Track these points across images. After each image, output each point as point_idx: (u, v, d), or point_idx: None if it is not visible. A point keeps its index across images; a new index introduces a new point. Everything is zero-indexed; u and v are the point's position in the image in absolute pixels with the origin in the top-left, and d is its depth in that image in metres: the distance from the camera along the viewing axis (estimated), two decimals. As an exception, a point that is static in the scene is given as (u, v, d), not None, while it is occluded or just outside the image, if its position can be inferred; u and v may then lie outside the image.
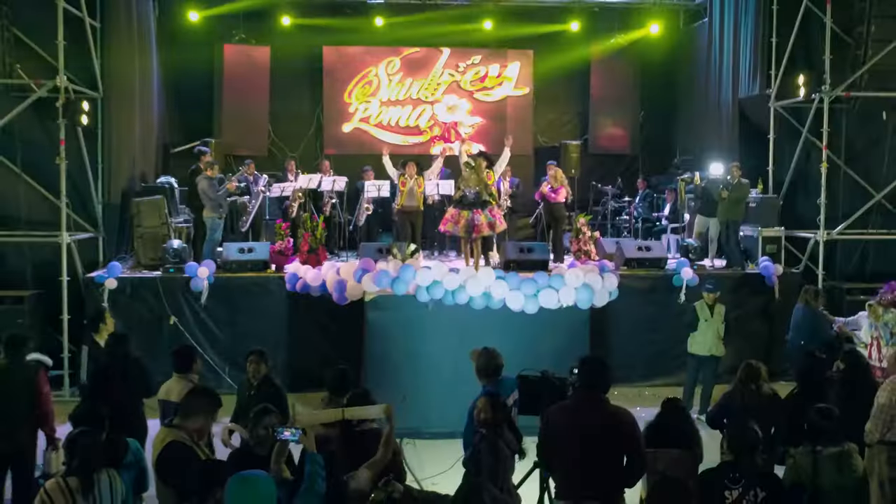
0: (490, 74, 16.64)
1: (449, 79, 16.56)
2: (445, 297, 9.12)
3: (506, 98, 16.69)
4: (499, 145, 15.56)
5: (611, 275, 9.63)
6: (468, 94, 16.61)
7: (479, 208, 10.97)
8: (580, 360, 5.17)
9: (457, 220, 10.94)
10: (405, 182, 12.99)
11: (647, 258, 12.24)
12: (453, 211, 11.03)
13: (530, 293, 9.11)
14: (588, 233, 12.09)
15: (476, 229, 10.97)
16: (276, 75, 15.96)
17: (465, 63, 16.58)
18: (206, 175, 11.87)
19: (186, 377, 6.64)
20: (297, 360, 11.45)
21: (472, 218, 10.87)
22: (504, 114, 16.68)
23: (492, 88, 16.65)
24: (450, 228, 11.12)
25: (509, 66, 16.63)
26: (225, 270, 11.62)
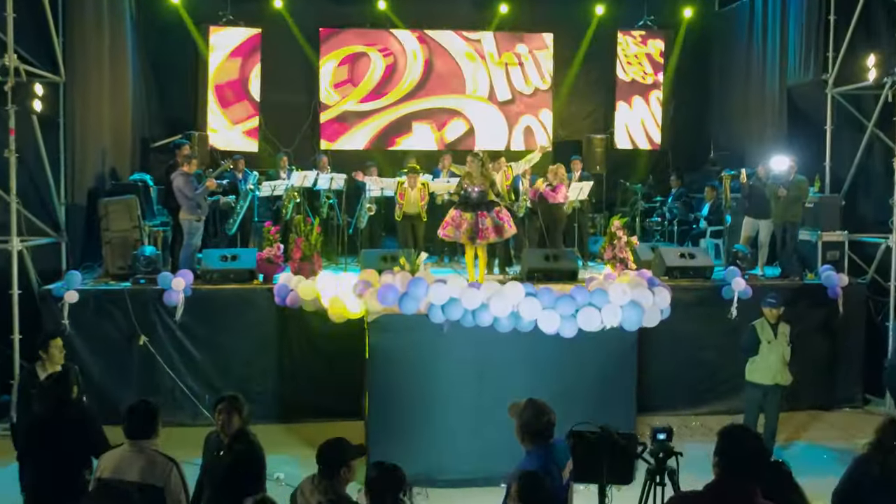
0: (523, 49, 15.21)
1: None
2: (464, 317, 7.53)
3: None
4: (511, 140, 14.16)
5: (662, 289, 8.03)
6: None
7: (485, 210, 9.43)
8: (723, 432, 3.47)
9: (458, 224, 9.43)
10: (404, 193, 11.46)
11: (691, 267, 10.69)
12: (454, 213, 9.58)
13: (567, 313, 7.51)
14: (624, 238, 10.49)
15: (480, 234, 9.44)
16: (267, 61, 14.35)
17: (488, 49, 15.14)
18: (183, 171, 10.28)
19: (139, 447, 4.78)
20: (289, 386, 9.97)
21: (475, 221, 9.38)
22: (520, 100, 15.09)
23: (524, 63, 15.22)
24: (450, 233, 9.65)
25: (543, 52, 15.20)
26: (205, 281, 10.06)
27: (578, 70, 15.15)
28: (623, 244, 10.45)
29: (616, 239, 10.47)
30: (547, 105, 15.19)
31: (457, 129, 15.14)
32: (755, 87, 13.60)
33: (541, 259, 10.53)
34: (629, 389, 8.09)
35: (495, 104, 15.23)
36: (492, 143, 14.49)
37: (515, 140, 15.11)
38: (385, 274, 7.97)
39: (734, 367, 9.85)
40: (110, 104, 11.85)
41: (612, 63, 15.13)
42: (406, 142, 14.89)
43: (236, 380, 9.69)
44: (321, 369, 9.88)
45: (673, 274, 10.58)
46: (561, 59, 15.05)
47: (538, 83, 15.25)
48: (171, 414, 9.57)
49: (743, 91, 13.99)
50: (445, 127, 15.02)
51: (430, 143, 14.93)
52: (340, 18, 14.59)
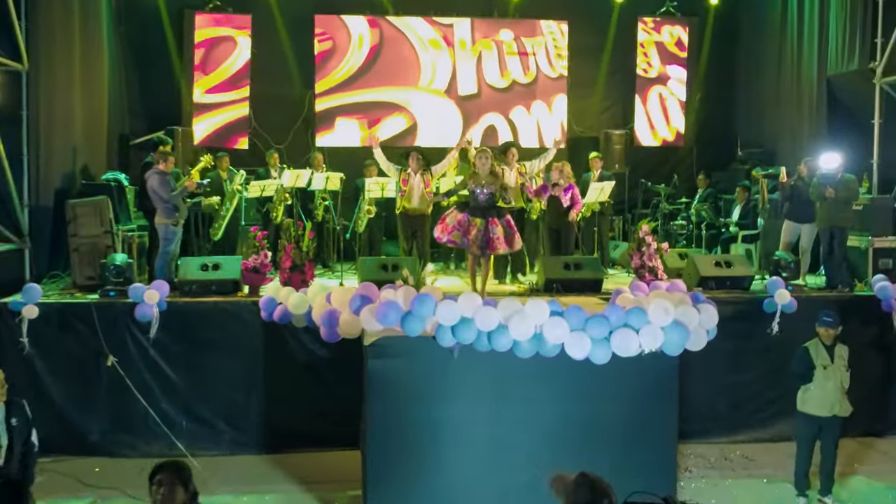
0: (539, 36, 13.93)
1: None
2: (478, 340, 6.39)
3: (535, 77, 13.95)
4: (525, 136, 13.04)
5: (708, 307, 6.89)
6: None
7: (495, 216, 8.29)
8: None
9: (466, 230, 8.21)
10: (407, 179, 10.27)
11: (728, 277, 9.58)
12: (461, 217, 8.29)
13: (600, 335, 6.37)
14: (653, 244, 9.36)
15: (491, 245, 8.25)
16: (258, 50, 13.21)
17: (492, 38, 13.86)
18: (158, 169, 9.16)
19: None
20: (278, 411, 8.85)
21: (486, 229, 8.21)
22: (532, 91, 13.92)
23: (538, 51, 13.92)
24: (456, 239, 8.32)
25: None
26: (182, 293, 8.97)
27: (595, 60, 13.99)
28: (653, 251, 9.33)
29: (645, 245, 9.34)
30: (546, 97, 13.91)
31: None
32: (789, 77, 12.50)
33: (560, 267, 9.43)
34: (669, 422, 6.97)
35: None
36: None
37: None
38: (385, 288, 6.82)
39: (777, 389, 9.00)
40: (82, 96, 10.72)
41: (631, 53, 13.97)
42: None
43: (218, 404, 8.80)
44: (315, 392, 8.83)
45: (707, 285, 9.51)
46: (577, 48, 13.88)
47: (545, 71, 13.96)
48: (146, 444, 8.62)
49: (775, 82, 12.89)
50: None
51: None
52: (338, 4, 13.44)
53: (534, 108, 13.92)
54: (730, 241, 11.83)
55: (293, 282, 8.96)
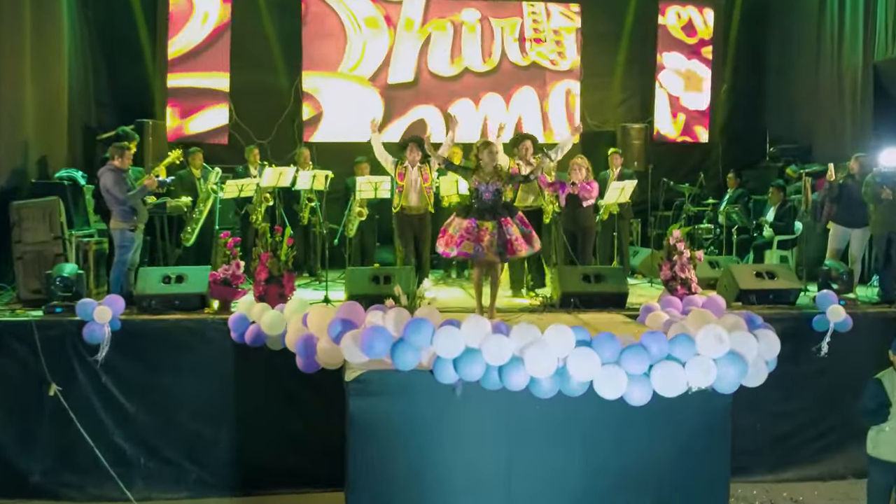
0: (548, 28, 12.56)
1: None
2: (487, 376, 5.15)
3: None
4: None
5: (767, 332, 5.65)
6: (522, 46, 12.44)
7: (506, 215, 7.04)
8: None
9: (478, 237, 6.90)
10: (404, 173, 9.04)
11: (771, 290, 8.35)
12: (467, 223, 6.94)
13: (638, 370, 5.13)
14: (686, 252, 8.10)
15: (511, 247, 6.95)
16: (239, 34, 11.96)
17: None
18: (113, 166, 7.92)
19: None
20: (251, 446, 7.62)
21: (500, 230, 6.93)
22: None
23: (543, 43, 12.52)
24: (468, 250, 6.94)
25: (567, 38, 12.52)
26: (140, 310, 7.74)
27: (612, 48, 12.73)
28: (685, 261, 8.06)
29: (676, 254, 8.08)
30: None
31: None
32: (828, 64, 11.29)
33: (578, 280, 8.18)
34: (719, 473, 5.73)
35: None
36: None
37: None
38: (372, 311, 5.58)
39: (829, 420, 8.06)
40: (35, 83, 9.48)
41: (651, 38, 12.71)
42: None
43: (182, 439, 7.60)
44: (294, 424, 7.64)
45: (747, 299, 8.34)
46: (591, 34, 12.62)
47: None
48: (96, 486, 7.42)
49: (812, 70, 11.67)
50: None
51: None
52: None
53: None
54: (764, 247, 10.58)
55: (269, 296, 7.70)
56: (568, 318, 7.67)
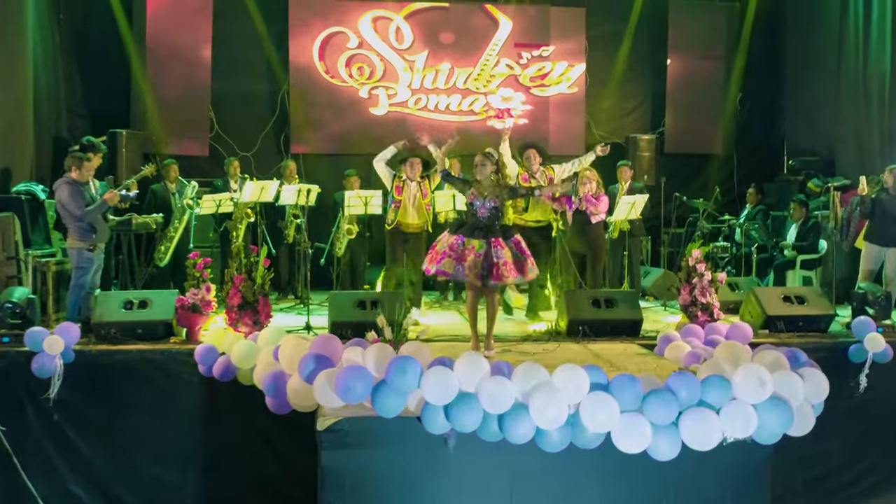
0: (554, 74, 11.92)
1: (506, 71, 11.87)
2: (485, 427, 4.33)
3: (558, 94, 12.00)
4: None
5: (815, 373, 4.83)
6: (525, 89, 11.90)
7: (499, 236, 6.27)
8: None
9: (461, 255, 6.16)
10: (402, 187, 8.28)
11: (802, 316, 7.53)
12: (453, 240, 6.22)
13: (664, 420, 4.31)
14: (707, 274, 7.29)
15: (496, 272, 6.18)
16: (222, 37, 11.20)
17: (530, 54, 11.85)
18: (69, 178, 7.13)
19: None
20: (220, 491, 6.80)
21: (488, 252, 6.17)
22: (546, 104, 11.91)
23: (549, 86, 11.93)
24: (448, 269, 6.19)
25: (575, 67, 11.85)
26: (99, 339, 6.93)
27: (618, 52, 11.97)
28: (706, 284, 7.25)
29: (696, 276, 7.27)
30: (579, 98, 11.89)
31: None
32: (852, 71, 10.51)
33: (587, 304, 7.37)
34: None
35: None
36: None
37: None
38: (349, 346, 4.77)
39: (868, 460, 7.27)
40: (-1, 90, 8.74)
41: (661, 43, 11.93)
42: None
43: (143, 484, 6.79)
44: (268, 467, 6.80)
45: (775, 326, 7.50)
46: (596, 39, 11.86)
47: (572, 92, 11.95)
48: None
49: (833, 77, 10.89)
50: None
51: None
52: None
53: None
54: (785, 266, 9.78)
55: (243, 324, 6.93)
56: (576, 348, 6.90)
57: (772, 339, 7.30)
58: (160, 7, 11.04)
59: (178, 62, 11.05)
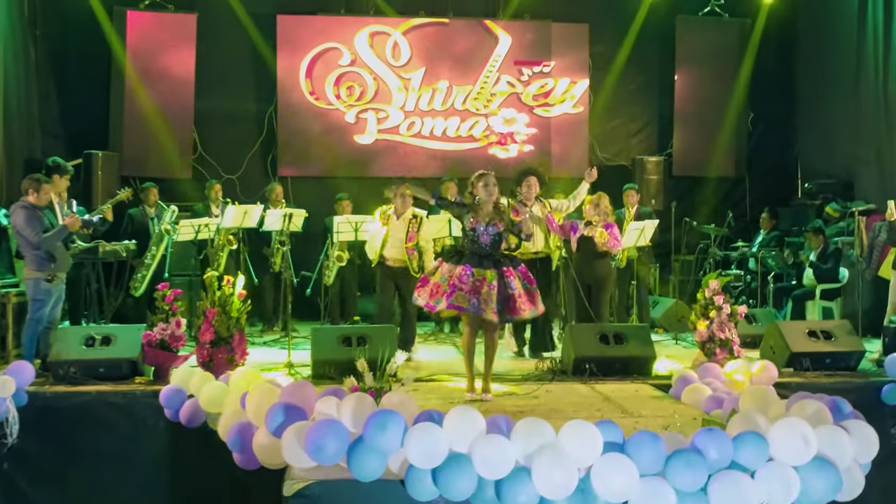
0: (555, 92, 11.33)
1: (508, 89, 11.28)
2: (480, 495, 3.69)
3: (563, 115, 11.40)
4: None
5: (862, 426, 4.19)
6: (528, 109, 11.34)
7: (509, 265, 5.69)
8: None
9: (473, 288, 5.61)
10: (388, 218, 7.69)
11: (829, 353, 6.89)
12: (459, 270, 5.64)
13: (690, 485, 3.67)
14: (726, 307, 6.65)
15: (514, 306, 5.66)
16: (205, 58, 10.65)
17: (531, 70, 11.28)
18: (26, 202, 6.52)
19: None
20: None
21: (500, 283, 5.62)
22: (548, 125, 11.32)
23: (552, 105, 11.33)
24: (461, 303, 5.61)
25: (578, 84, 11.29)
26: (56, 379, 6.31)
27: (624, 71, 11.39)
28: (725, 318, 6.61)
29: (714, 310, 6.63)
30: (582, 120, 11.31)
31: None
32: (871, 89, 9.92)
33: (594, 340, 6.74)
34: None
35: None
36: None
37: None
38: (323, 396, 4.13)
39: None
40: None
41: (669, 61, 11.36)
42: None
43: (106, 539, 6.10)
44: (242, 521, 6.08)
45: (800, 363, 6.85)
46: (600, 57, 11.30)
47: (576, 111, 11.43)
48: None
49: (851, 96, 10.29)
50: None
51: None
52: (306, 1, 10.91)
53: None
54: (804, 297, 9.16)
55: (216, 362, 6.28)
56: (583, 389, 6.28)
57: (797, 378, 6.68)
58: (141, 24, 10.50)
59: (160, 80, 10.50)
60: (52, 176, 7.04)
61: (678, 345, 8.54)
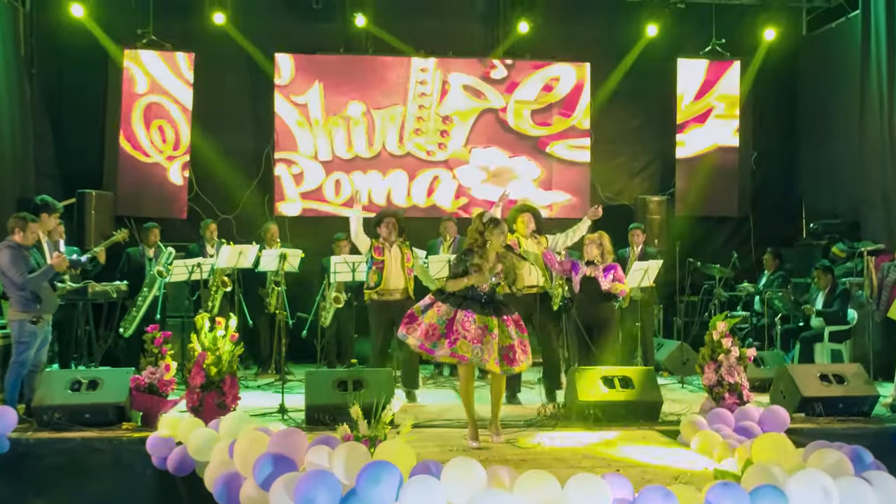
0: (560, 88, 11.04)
1: (476, 104, 10.89)
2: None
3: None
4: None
5: (882, 477, 3.95)
6: (518, 136, 11.01)
7: (508, 313, 5.60)
8: None
9: (477, 336, 5.46)
10: (382, 248, 7.50)
11: (841, 398, 6.65)
12: (462, 315, 5.48)
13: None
14: (735, 351, 6.43)
15: (513, 357, 5.53)
16: (202, 96, 10.55)
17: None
18: (12, 242, 6.34)
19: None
20: None
21: (501, 332, 5.52)
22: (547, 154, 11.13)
23: (552, 127, 11.09)
24: (465, 353, 5.45)
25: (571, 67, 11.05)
26: (41, 425, 6.08)
27: (626, 110, 11.30)
28: (734, 361, 6.39)
29: (723, 352, 6.41)
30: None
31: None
32: (876, 127, 9.78)
33: (598, 384, 6.51)
34: None
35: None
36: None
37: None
38: (314, 446, 3.90)
39: None
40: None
41: (670, 100, 11.26)
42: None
43: None
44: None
45: (812, 408, 6.61)
46: (602, 95, 11.19)
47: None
48: None
49: (856, 134, 10.15)
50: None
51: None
52: (304, 41, 10.83)
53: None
54: (813, 339, 8.93)
55: (206, 407, 6.07)
56: (587, 435, 6.02)
57: (809, 424, 6.44)
58: (139, 62, 10.40)
59: (156, 119, 10.36)
60: (40, 214, 6.86)
61: (684, 388, 8.29)
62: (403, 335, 5.66)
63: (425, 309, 5.64)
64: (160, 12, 10.35)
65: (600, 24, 11.18)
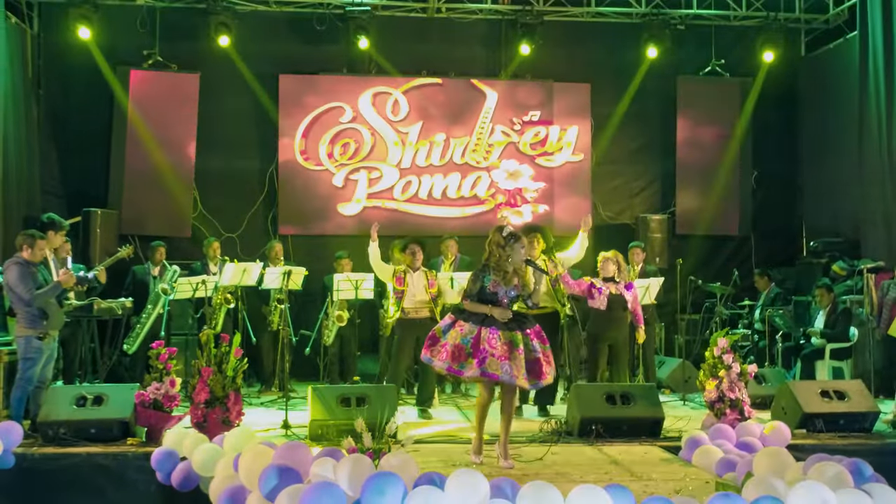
0: (550, 139, 11.31)
1: (503, 139, 11.25)
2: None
3: (565, 164, 11.32)
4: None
5: (882, 489, 3.99)
6: (530, 159, 11.30)
7: (529, 327, 5.53)
8: None
9: (505, 353, 5.39)
10: (403, 277, 7.57)
11: (843, 414, 6.67)
12: (487, 333, 5.40)
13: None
14: (736, 366, 6.48)
15: (540, 370, 5.45)
16: (207, 116, 10.66)
17: (521, 119, 11.28)
18: (20, 258, 6.40)
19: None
20: None
21: (527, 347, 5.44)
22: (551, 178, 11.27)
23: (553, 154, 11.29)
24: (495, 371, 5.36)
25: (568, 131, 11.30)
26: (46, 440, 6.10)
27: (627, 130, 11.40)
28: (735, 378, 6.43)
29: (723, 369, 6.45)
30: (584, 179, 11.28)
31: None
32: (875, 147, 9.84)
33: (600, 400, 6.54)
34: None
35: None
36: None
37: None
38: (319, 459, 3.94)
39: None
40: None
41: (671, 120, 11.36)
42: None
43: None
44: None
45: (813, 425, 6.63)
46: (602, 116, 11.30)
47: (576, 160, 11.45)
48: None
49: (855, 154, 10.23)
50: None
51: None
52: (308, 62, 10.96)
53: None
54: (814, 356, 8.96)
55: (210, 423, 6.11)
56: (590, 451, 6.07)
57: (811, 440, 6.46)
58: (144, 82, 10.52)
59: (161, 139, 10.47)
60: (46, 232, 6.91)
61: (686, 405, 8.32)
62: (428, 359, 5.54)
63: (447, 329, 5.53)
64: (165, 35, 10.50)
65: (601, 46, 11.31)
